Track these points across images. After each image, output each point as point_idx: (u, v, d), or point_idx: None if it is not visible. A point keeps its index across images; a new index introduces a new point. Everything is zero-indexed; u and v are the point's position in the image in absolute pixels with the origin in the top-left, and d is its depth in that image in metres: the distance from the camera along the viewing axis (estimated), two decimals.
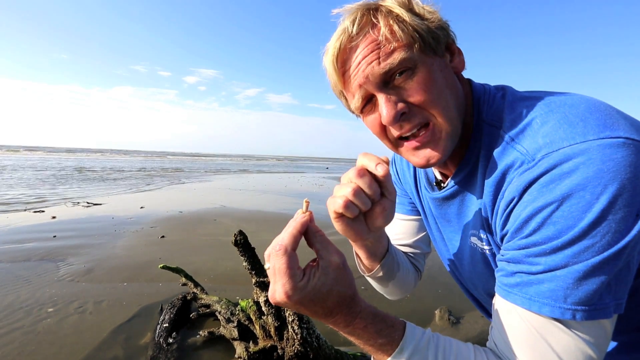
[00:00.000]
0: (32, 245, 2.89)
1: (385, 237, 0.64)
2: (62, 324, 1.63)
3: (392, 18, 0.48)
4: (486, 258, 0.57)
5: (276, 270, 0.41)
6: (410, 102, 0.49)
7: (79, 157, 26.84)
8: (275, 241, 0.43)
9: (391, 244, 0.68)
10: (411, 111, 0.50)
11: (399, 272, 0.71)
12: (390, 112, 0.49)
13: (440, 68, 0.51)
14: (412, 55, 0.48)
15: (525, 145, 0.45)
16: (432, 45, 0.49)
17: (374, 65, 0.48)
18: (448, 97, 0.51)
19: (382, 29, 0.47)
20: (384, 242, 0.64)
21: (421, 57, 0.48)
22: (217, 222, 3.97)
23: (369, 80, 0.49)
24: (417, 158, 0.53)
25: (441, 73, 0.51)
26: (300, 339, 1.17)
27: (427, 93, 0.48)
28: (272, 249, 0.42)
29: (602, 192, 0.37)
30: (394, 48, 0.47)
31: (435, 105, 0.49)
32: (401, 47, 0.47)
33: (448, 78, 0.52)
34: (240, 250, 1.30)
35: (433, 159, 0.52)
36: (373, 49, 0.48)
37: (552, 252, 0.40)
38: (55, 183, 7.77)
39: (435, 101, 0.49)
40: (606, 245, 0.38)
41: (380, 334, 0.45)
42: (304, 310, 0.43)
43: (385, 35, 0.47)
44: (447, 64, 0.53)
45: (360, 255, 0.65)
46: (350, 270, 0.45)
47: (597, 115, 0.42)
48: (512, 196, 0.45)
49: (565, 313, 0.40)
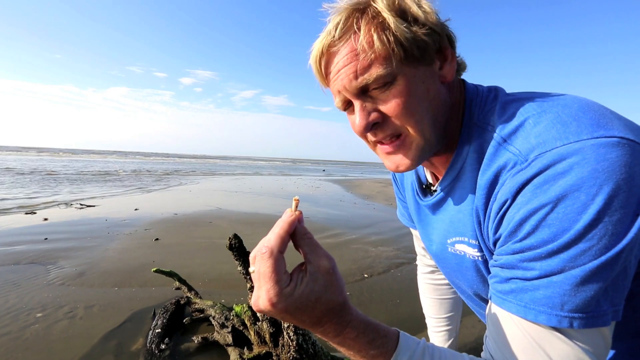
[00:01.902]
0: (22, 247, 2.83)
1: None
2: (51, 330, 1.58)
3: (376, 25, 0.46)
4: (477, 265, 0.56)
5: (261, 274, 0.38)
6: (384, 112, 0.50)
7: (73, 158, 26.58)
8: (262, 243, 0.40)
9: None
10: (385, 121, 0.50)
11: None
12: (362, 122, 0.50)
13: (423, 79, 0.49)
14: (390, 69, 0.47)
15: (518, 146, 0.44)
16: (416, 54, 0.47)
17: (351, 77, 0.48)
18: (425, 110, 0.50)
19: (361, 38, 0.46)
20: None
21: (401, 69, 0.47)
22: (212, 224, 3.92)
23: (346, 89, 0.49)
24: (389, 162, 0.55)
25: (422, 85, 0.49)
26: (296, 346, 1.14)
27: (402, 106, 0.48)
28: (257, 251, 0.40)
29: (598, 192, 0.36)
30: (371, 61, 0.47)
31: (408, 118, 0.49)
32: (379, 59, 0.47)
33: (430, 89, 0.50)
34: (235, 255, 1.27)
35: (402, 166, 0.54)
36: (351, 59, 0.47)
37: (547, 256, 0.39)
38: (48, 184, 7.65)
39: (409, 114, 0.49)
40: (603, 249, 0.37)
41: (372, 345, 0.43)
42: (290, 319, 0.40)
43: (363, 46, 0.46)
44: (434, 72, 0.51)
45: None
46: (340, 276, 0.42)
47: (591, 114, 0.41)
48: (505, 198, 0.44)
49: (563, 321, 0.38)
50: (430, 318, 1.07)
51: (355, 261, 2.73)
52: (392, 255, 2.92)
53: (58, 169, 12.67)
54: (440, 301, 1.03)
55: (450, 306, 1.02)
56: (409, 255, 2.95)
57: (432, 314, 1.06)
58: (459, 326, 1.07)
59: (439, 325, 1.04)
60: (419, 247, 1.03)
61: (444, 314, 1.03)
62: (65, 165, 16.06)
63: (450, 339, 1.04)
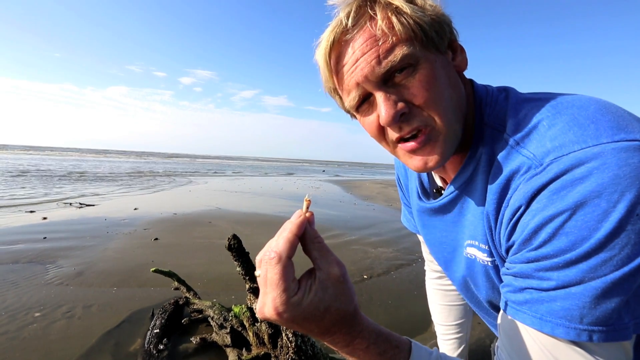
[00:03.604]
0: (20, 246, 2.82)
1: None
2: (49, 330, 1.58)
3: (391, 10, 0.44)
4: (487, 271, 0.54)
5: (267, 280, 0.36)
6: (410, 101, 0.46)
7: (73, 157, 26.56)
8: (269, 246, 0.38)
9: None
10: (411, 112, 0.47)
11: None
12: (389, 111, 0.45)
13: (443, 65, 0.48)
14: (414, 50, 0.44)
15: (532, 150, 0.42)
16: (435, 40, 0.46)
17: (374, 64, 0.44)
18: (450, 98, 0.48)
19: (380, 22, 0.43)
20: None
21: (423, 53, 0.45)
22: (211, 224, 3.91)
23: (368, 80, 0.46)
24: (415, 161, 0.51)
25: (444, 71, 0.47)
26: (295, 347, 1.14)
27: (429, 92, 0.45)
28: (264, 255, 0.38)
29: (620, 199, 0.34)
30: (393, 43, 0.44)
31: (436, 107, 0.46)
32: (402, 41, 0.44)
33: (451, 77, 0.49)
34: (234, 255, 1.27)
35: (431, 162, 0.49)
36: (372, 46, 0.44)
37: (565, 266, 0.37)
38: (47, 183, 7.64)
39: (437, 102, 0.46)
40: (626, 259, 0.35)
41: (383, 356, 0.41)
42: (297, 328, 0.38)
43: (383, 30, 0.43)
44: (450, 62, 0.50)
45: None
46: (351, 284, 0.40)
47: (609, 117, 0.39)
48: (518, 204, 0.42)
49: (582, 334, 0.36)
50: (439, 325, 1.04)
51: (354, 262, 2.72)
52: (391, 257, 2.92)
53: (57, 168, 12.65)
54: (449, 307, 1.00)
55: (460, 313, 0.99)
56: (408, 256, 2.94)
57: (441, 321, 1.02)
58: (469, 334, 1.03)
59: (449, 333, 1.01)
60: (427, 253, 1.00)
61: (453, 321, 1.00)
62: (65, 164, 16.04)
63: (460, 347, 1.00)
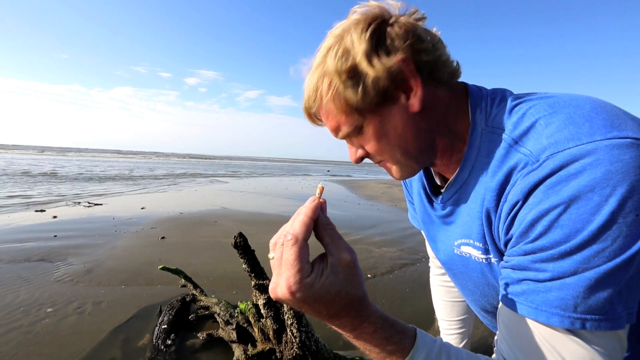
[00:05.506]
0: (32, 244, 2.89)
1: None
2: (61, 325, 1.62)
3: (332, 95, 0.51)
4: (482, 268, 0.56)
5: (283, 261, 0.38)
6: (366, 149, 0.57)
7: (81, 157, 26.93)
8: (284, 229, 0.40)
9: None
10: (369, 155, 0.58)
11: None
12: (352, 157, 0.59)
13: (389, 119, 0.52)
14: (355, 124, 0.53)
15: (529, 147, 0.43)
16: (378, 101, 0.50)
17: (332, 133, 0.56)
18: (396, 146, 0.54)
19: (325, 106, 0.53)
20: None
21: (365, 118, 0.52)
22: (217, 223, 3.96)
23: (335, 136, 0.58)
24: (391, 176, 0.62)
25: (389, 124, 0.52)
26: (299, 343, 1.16)
27: (377, 144, 0.54)
28: (280, 237, 0.39)
29: (612, 193, 0.36)
30: (338, 123, 0.54)
31: (383, 155, 0.56)
32: (343, 120, 0.53)
33: (398, 126, 0.52)
34: (240, 253, 1.29)
35: (397, 179, 0.61)
36: (326, 119, 0.56)
37: (560, 257, 0.39)
38: (56, 182, 7.78)
39: (384, 150, 0.55)
40: (618, 250, 0.36)
41: (389, 341, 0.43)
42: (307, 309, 0.40)
43: (328, 113, 0.54)
44: (401, 106, 0.51)
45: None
46: (361, 270, 0.42)
47: (604, 115, 0.41)
48: (516, 199, 0.43)
49: (575, 323, 0.38)
50: (442, 320, 1.07)
51: (359, 261, 2.74)
52: (395, 256, 2.93)
53: (66, 168, 12.85)
54: (452, 303, 1.03)
55: (462, 309, 1.02)
56: (412, 256, 2.95)
57: (444, 316, 1.05)
58: (471, 329, 1.06)
59: (452, 328, 1.04)
60: (430, 250, 1.02)
61: (456, 317, 1.03)
62: (73, 164, 16.27)
63: (462, 342, 1.03)
